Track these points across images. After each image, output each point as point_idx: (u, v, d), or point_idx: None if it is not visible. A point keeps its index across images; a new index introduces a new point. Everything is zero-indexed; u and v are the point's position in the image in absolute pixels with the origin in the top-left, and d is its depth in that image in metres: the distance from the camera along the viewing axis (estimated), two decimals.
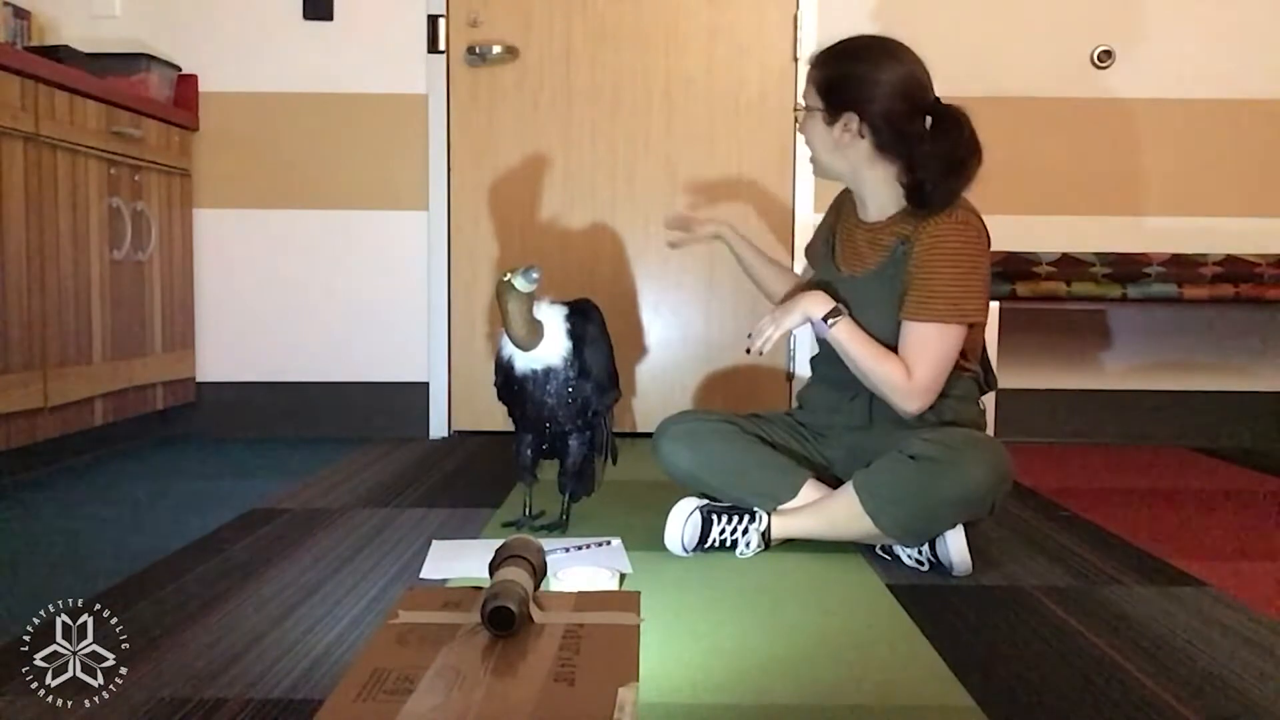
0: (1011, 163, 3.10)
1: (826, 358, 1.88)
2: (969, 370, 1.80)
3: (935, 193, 1.69)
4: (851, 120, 1.73)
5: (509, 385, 1.88)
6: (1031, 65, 3.11)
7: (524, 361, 1.83)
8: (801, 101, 1.81)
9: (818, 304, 1.75)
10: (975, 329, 1.77)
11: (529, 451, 1.94)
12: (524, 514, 1.97)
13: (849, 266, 1.84)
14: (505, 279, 1.78)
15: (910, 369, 1.70)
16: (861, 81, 1.72)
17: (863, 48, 1.76)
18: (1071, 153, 3.13)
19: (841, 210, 1.92)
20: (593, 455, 1.96)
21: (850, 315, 1.75)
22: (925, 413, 1.76)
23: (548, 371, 1.82)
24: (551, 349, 1.82)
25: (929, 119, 1.71)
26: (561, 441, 1.92)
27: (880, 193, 1.78)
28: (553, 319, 1.83)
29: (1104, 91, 3.12)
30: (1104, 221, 3.14)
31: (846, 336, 1.73)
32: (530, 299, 1.80)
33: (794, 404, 1.99)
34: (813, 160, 1.84)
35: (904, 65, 1.72)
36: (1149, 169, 3.14)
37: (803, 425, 1.94)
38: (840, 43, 1.80)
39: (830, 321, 1.73)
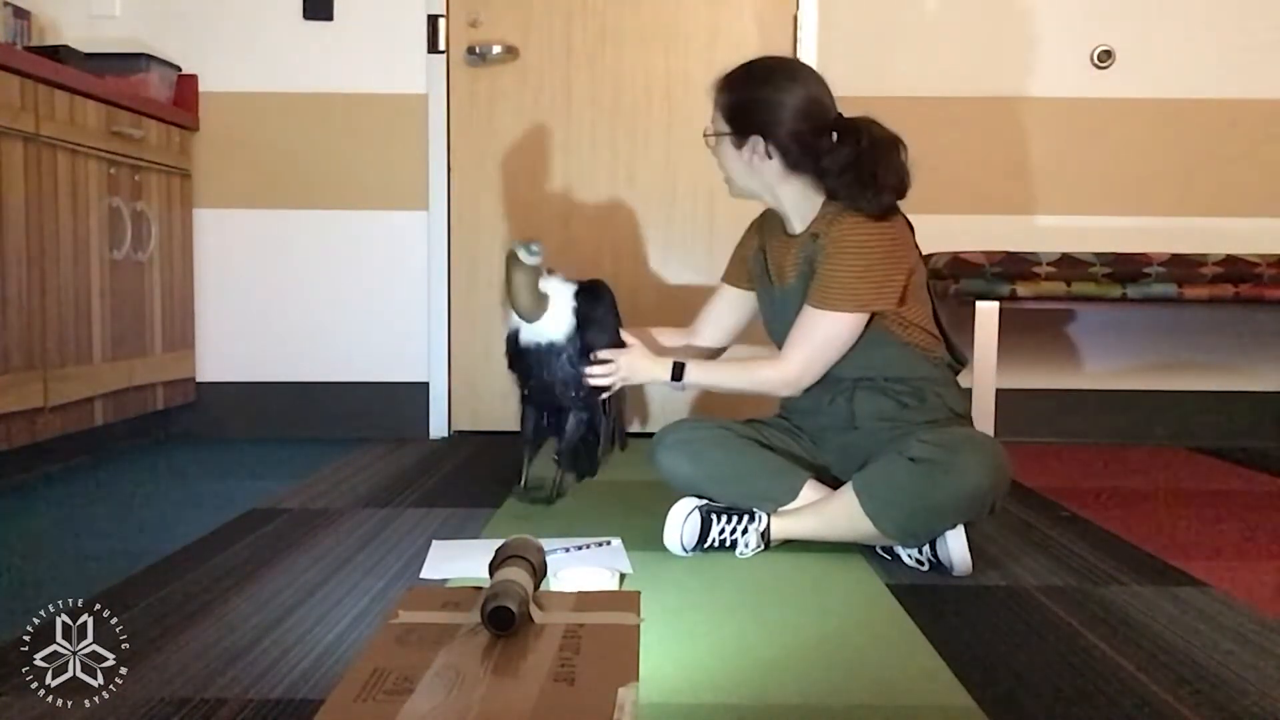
0: (1012, 163, 3.09)
1: None
2: (933, 355, 1.81)
3: (859, 201, 1.72)
4: (758, 143, 1.77)
5: (520, 356, 1.95)
6: (1031, 65, 3.11)
7: (529, 334, 1.89)
8: (710, 127, 1.84)
9: (659, 368, 1.82)
10: (914, 327, 1.78)
11: (532, 424, 2.05)
12: (519, 483, 2.07)
13: (780, 279, 1.87)
14: (511, 250, 1.84)
15: (787, 354, 1.76)
16: (764, 105, 1.76)
17: (763, 69, 1.81)
18: (1071, 153, 3.13)
19: (765, 229, 1.95)
20: (592, 437, 1.99)
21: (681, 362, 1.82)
22: (905, 398, 1.77)
23: (550, 346, 1.86)
24: (555, 324, 1.85)
25: (834, 134, 1.75)
26: (562, 418, 1.97)
27: (800, 205, 1.82)
28: (561, 295, 1.87)
29: (1104, 91, 3.12)
30: (1104, 221, 3.14)
31: (700, 377, 1.83)
32: (536, 272, 1.85)
33: (778, 409, 2.00)
34: (728, 182, 1.87)
35: (804, 86, 1.77)
36: (1149, 169, 3.14)
37: (799, 428, 1.94)
38: (742, 67, 1.84)
39: (679, 383, 1.81)
